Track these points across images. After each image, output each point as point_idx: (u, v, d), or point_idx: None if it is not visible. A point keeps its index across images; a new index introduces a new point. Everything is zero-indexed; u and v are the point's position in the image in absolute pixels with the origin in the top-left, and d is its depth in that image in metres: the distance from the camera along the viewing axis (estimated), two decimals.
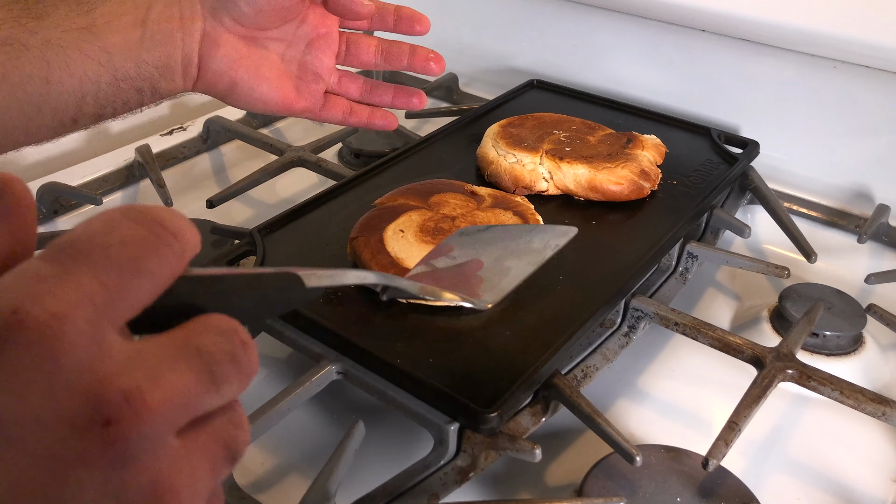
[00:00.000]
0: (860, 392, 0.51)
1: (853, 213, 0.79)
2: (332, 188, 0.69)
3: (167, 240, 0.22)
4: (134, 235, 0.22)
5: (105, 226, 0.22)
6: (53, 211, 0.79)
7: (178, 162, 0.88)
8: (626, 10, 0.90)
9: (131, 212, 0.22)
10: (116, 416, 0.19)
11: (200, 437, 0.22)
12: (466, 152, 0.77)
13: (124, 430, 0.19)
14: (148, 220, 0.22)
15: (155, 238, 0.22)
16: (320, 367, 0.52)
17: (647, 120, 0.83)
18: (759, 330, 0.65)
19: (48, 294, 0.19)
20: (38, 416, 0.19)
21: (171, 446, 0.21)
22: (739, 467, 0.52)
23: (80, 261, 0.20)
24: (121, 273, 0.21)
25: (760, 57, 0.82)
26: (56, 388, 0.19)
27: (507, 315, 0.55)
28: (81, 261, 0.20)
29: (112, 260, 0.21)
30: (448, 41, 1.09)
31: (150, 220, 0.22)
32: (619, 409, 0.59)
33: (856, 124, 0.79)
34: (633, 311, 0.59)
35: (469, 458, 0.48)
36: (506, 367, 0.50)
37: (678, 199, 0.69)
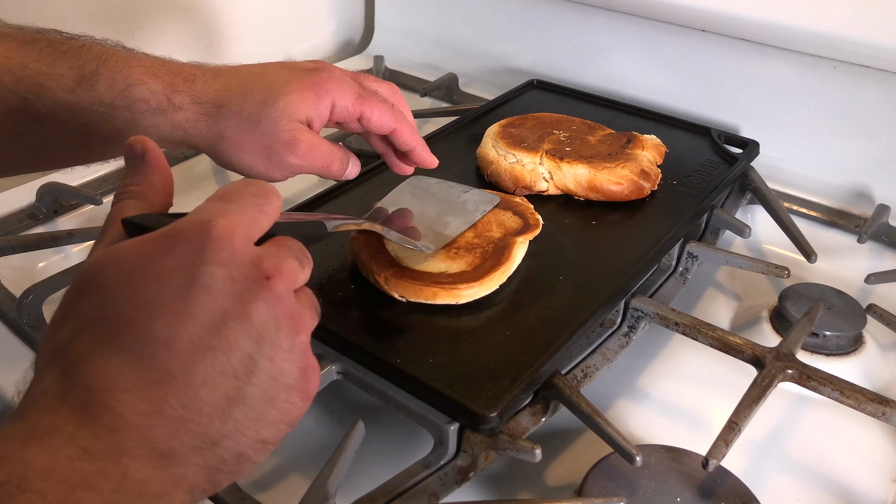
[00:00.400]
0: (860, 392, 0.51)
1: (853, 213, 0.79)
2: (332, 188, 0.69)
3: (272, 197, 0.38)
4: (256, 192, 0.37)
5: (241, 189, 0.37)
6: (53, 211, 0.79)
7: (178, 162, 0.88)
8: (626, 10, 0.90)
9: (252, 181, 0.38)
10: (271, 275, 0.34)
11: (302, 299, 0.37)
12: (466, 152, 0.77)
13: (276, 281, 0.34)
14: (259, 185, 0.38)
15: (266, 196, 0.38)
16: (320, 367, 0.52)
17: (647, 120, 0.83)
18: (759, 330, 0.65)
19: (224, 215, 0.35)
20: (231, 275, 0.33)
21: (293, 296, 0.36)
22: (739, 467, 0.52)
23: (234, 202, 0.36)
24: (255, 211, 0.36)
25: (760, 57, 0.82)
26: (236, 262, 0.33)
27: (507, 315, 0.55)
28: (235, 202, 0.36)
29: (249, 204, 0.36)
30: (448, 41, 1.09)
31: (262, 185, 0.38)
32: (619, 409, 0.59)
33: (856, 124, 0.79)
34: (633, 311, 0.59)
35: (469, 458, 0.48)
36: (506, 367, 0.50)
37: (678, 199, 0.69)
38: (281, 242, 0.37)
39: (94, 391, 0.31)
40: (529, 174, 0.69)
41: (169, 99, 0.53)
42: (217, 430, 0.32)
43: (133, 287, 0.33)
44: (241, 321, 0.33)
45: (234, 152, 0.55)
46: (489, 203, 0.63)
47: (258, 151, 0.55)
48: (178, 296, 0.32)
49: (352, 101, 0.57)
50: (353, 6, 1.20)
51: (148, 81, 0.53)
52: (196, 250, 0.33)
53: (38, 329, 0.63)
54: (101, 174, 0.83)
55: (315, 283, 0.58)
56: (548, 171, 0.69)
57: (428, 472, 0.48)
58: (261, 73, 0.56)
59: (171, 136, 0.54)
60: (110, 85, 0.52)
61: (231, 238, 0.34)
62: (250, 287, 0.34)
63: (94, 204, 0.78)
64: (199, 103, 0.54)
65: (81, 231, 0.73)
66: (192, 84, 0.54)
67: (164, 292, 0.32)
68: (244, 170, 0.56)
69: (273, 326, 0.34)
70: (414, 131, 0.60)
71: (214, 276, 0.33)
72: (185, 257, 0.33)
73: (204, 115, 0.54)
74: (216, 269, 0.33)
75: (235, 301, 0.33)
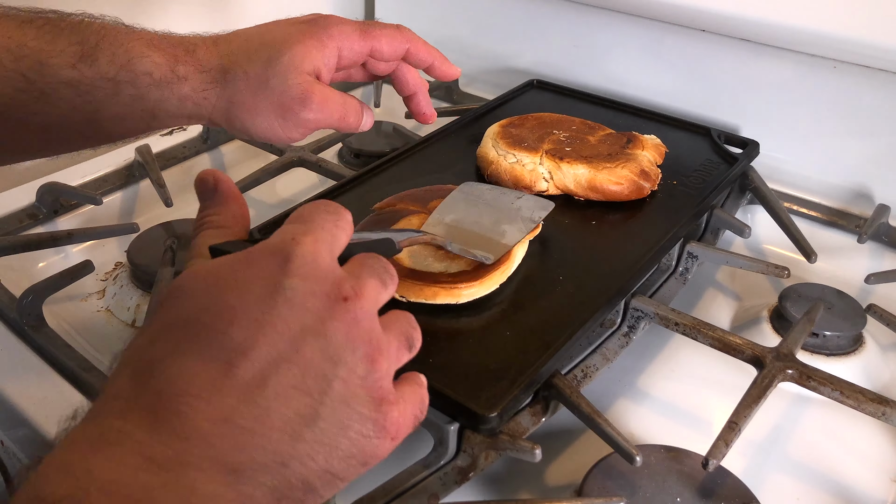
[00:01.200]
0: (860, 392, 0.51)
1: (853, 213, 0.79)
2: (332, 188, 0.69)
3: (344, 213, 0.38)
4: (329, 209, 0.38)
5: (315, 208, 0.38)
6: (53, 211, 0.79)
7: (178, 162, 0.88)
8: (626, 10, 0.90)
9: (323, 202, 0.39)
10: (350, 296, 0.34)
11: (390, 325, 0.37)
12: (466, 152, 0.77)
13: (353, 303, 0.34)
14: (331, 204, 0.39)
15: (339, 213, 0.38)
16: None
17: (647, 120, 0.83)
18: (759, 330, 0.65)
19: (307, 233, 0.35)
20: (312, 290, 0.33)
21: (375, 321, 0.35)
22: (739, 467, 0.52)
23: (312, 222, 0.36)
24: (333, 227, 0.37)
25: (760, 57, 0.82)
26: (318, 278, 0.34)
27: (507, 315, 0.55)
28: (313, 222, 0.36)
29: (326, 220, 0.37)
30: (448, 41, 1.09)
31: (332, 203, 0.39)
32: (619, 409, 0.59)
33: (856, 124, 0.79)
34: (633, 311, 0.59)
35: (469, 458, 0.48)
36: (506, 367, 0.50)
37: (678, 199, 0.69)
38: (363, 262, 0.37)
39: (165, 395, 0.30)
40: (529, 174, 0.69)
41: (172, 70, 0.52)
42: (286, 449, 0.31)
43: (214, 294, 0.33)
44: (318, 338, 0.33)
45: (248, 117, 0.53)
46: (544, 209, 0.61)
47: (272, 112, 0.53)
48: (259, 304, 0.32)
49: (357, 39, 0.55)
50: (353, 6, 1.20)
51: (150, 54, 0.51)
52: (280, 264, 0.34)
53: (38, 329, 0.63)
54: (101, 174, 0.83)
55: None
56: (548, 171, 0.69)
57: (428, 472, 0.48)
58: (260, 33, 0.55)
59: (181, 109, 0.53)
60: (112, 59, 0.50)
61: (316, 254, 0.34)
62: (330, 305, 0.33)
63: (94, 204, 0.78)
64: (203, 71, 0.53)
65: (81, 231, 0.73)
66: (193, 54, 0.53)
67: (244, 298, 0.32)
68: (261, 134, 0.54)
69: (349, 349, 0.33)
70: (428, 46, 0.59)
71: (296, 289, 0.33)
72: (268, 270, 0.33)
73: (211, 84, 0.53)
74: (298, 282, 0.33)
75: (315, 317, 0.33)
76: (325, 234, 0.36)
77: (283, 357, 0.32)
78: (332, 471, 0.33)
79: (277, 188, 0.86)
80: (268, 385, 0.31)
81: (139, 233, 0.73)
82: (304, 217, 0.37)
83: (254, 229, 0.62)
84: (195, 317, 0.32)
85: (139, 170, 0.84)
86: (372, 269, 0.37)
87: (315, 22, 0.55)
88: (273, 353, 0.31)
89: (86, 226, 0.78)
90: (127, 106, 0.51)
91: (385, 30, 0.57)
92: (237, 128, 0.55)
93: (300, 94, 0.52)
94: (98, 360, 0.61)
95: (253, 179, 0.79)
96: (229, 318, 0.32)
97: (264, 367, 0.31)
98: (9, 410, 0.57)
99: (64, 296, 0.67)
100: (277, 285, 0.33)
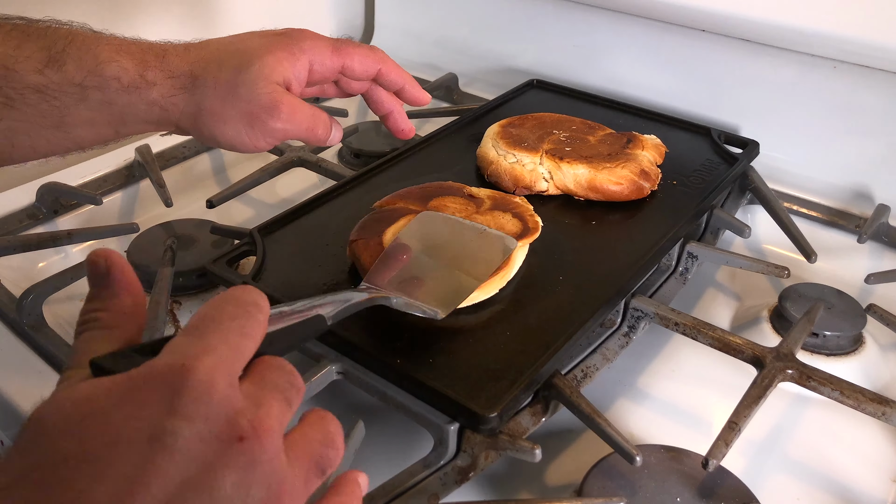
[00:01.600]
0: (860, 392, 0.51)
1: (853, 213, 0.79)
2: (332, 188, 0.69)
3: (253, 311, 0.33)
4: (235, 312, 0.32)
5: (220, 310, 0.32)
6: (53, 211, 0.79)
7: (178, 162, 0.88)
8: (626, 10, 0.90)
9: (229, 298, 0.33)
10: (247, 435, 0.29)
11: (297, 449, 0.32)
12: (466, 152, 0.77)
13: (251, 443, 0.29)
14: (236, 301, 0.32)
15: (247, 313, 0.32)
16: (320, 367, 0.52)
17: (647, 120, 0.83)
18: (759, 330, 0.65)
19: (205, 353, 0.29)
20: (201, 434, 0.28)
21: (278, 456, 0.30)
22: (739, 467, 0.52)
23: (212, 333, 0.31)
24: (238, 337, 0.31)
25: (760, 57, 0.82)
26: (210, 417, 0.28)
27: (507, 315, 0.55)
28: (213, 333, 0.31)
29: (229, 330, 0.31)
30: (448, 41, 1.09)
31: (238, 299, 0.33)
32: (619, 409, 0.59)
33: (856, 124, 0.79)
34: (633, 311, 0.59)
35: (469, 458, 0.48)
36: (506, 367, 0.50)
37: (678, 199, 0.69)
38: (264, 377, 0.32)
39: None
40: (529, 174, 0.69)
41: (141, 75, 0.51)
42: None
43: (79, 438, 0.27)
44: (201, 494, 0.27)
45: (215, 124, 0.53)
46: (504, 252, 0.56)
47: (239, 120, 0.53)
48: (132, 456, 0.27)
49: (328, 54, 0.55)
50: (353, 6, 1.20)
51: (118, 59, 0.51)
52: (166, 400, 0.28)
53: (38, 329, 0.63)
54: (101, 174, 0.83)
55: (315, 285, 0.58)
56: (548, 171, 0.69)
57: (428, 472, 0.48)
58: (233, 42, 0.55)
59: (148, 115, 0.53)
60: (79, 64, 0.50)
61: (212, 385, 0.29)
62: (221, 449, 0.28)
63: (93, 204, 0.78)
64: (172, 77, 0.52)
65: (81, 231, 0.73)
66: (163, 59, 0.52)
67: (115, 448, 0.27)
68: (227, 142, 0.54)
69: (240, 499, 0.28)
70: (400, 68, 0.59)
71: (179, 434, 0.27)
72: (150, 407, 0.28)
73: (180, 89, 0.52)
74: (184, 425, 0.27)
75: (200, 467, 0.27)
76: (225, 351, 0.30)
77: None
78: None
79: (277, 188, 0.86)
80: None
81: (139, 233, 0.73)
82: (203, 327, 0.31)
83: (254, 230, 0.62)
84: (53, 467, 0.27)
85: (139, 170, 0.84)
86: (275, 386, 0.32)
87: (288, 35, 0.55)
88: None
89: (86, 226, 0.78)
90: (95, 111, 0.51)
91: (358, 48, 0.57)
92: (204, 135, 0.54)
93: (269, 102, 0.52)
94: None
95: (253, 179, 0.79)
96: (92, 473, 0.26)
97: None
98: (9, 410, 0.57)
99: (64, 296, 0.67)
100: (158, 430, 0.27)
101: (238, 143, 0.54)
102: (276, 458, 0.30)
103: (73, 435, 0.27)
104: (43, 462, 0.27)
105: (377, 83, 0.60)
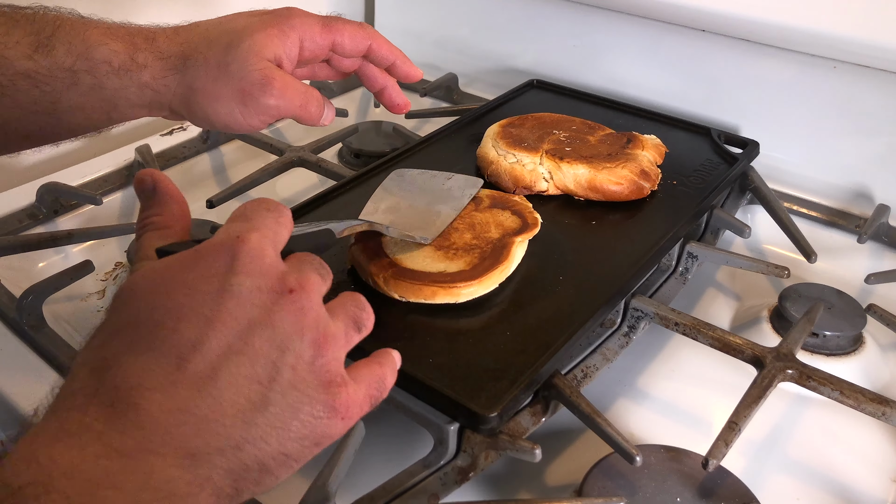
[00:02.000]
0: (860, 392, 0.51)
1: (853, 213, 0.79)
2: (332, 188, 0.69)
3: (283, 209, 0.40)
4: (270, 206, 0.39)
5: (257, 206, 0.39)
6: (53, 211, 0.79)
7: (179, 162, 0.88)
8: (626, 10, 0.90)
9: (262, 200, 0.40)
10: (295, 288, 0.36)
11: (337, 310, 0.39)
12: (466, 152, 0.77)
13: (299, 294, 0.36)
14: (270, 201, 0.40)
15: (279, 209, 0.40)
16: None
17: (647, 120, 0.83)
18: (759, 330, 0.65)
19: (252, 230, 0.37)
20: (258, 285, 0.35)
21: (321, 308, 0.37)
22: (739, 467, 0.52)
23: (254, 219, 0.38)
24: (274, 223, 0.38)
25: (760, 57, 0.82)
26: (264, 274, 0.35)
27: (507, 315, 0.55)
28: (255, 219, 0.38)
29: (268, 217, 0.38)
30: (448, 41, 1.09)
31: (271, 201, 0.40)
32: (619, 409, 0.59)
33: (856, 124, 0.79)
34: (633, 311, 0.59)
35: (469, 458, 0.48)
36: (506, 367, 0.50)
37: (678, 199, 0.69)
38: (302, 259, 0.39)
39: (122, 389, 0.32)
40: (529, 174, 0.69)
41: (132, 58, 0.51)
42: (240, 433, 0.33)
43: (164, 294, 0.34)
44: (266, 329, 0.34)
45: (208, 103, 0.53)
46: (473, 187, 0.65)
47: (232, 98, 0.52)
48: (207, 302, 0.34)
49: (318, 31, 0.55)
50: (353, 6, 1.20)
51: (108, 42, 0.51)
52: (227, 262, 0.35)
53: (39, 329, 0.63)
54: (101, 174, 0.83)
55: None
56: (548, 171, 0.69)
57: (428, 472, 0.48)
58: (222, 22, 0.55)
59: (140, 98, 0.52)
60: (68, 49, 0.50)
61: (261, 251, 0.36)
62: (276, 298, 0.35)
63: (94, 204, 0.78)
64: (163, 59, 0.52)
65: (81, 231, 0.73)
66: (153, 42, 0.52)
67: (193, 297, 0.34)
68: (221, 121, 0.54)
69: (297, 337, 0.35)
70: (390, 44, 0.59)
71: (242, 284, 0.34)
72: (215, 268, 0.35)
73: (170, 70, 0.52)
74: (245, 279, 0.35)
75: (262, 310, 0.35)
76: (268, 231, 0.37)
77: (233, 349, 0.33)
78: (286, 452, 0.35)
79: (277, 188, 0.86)
80: (219, 376, 0.33)
81: None
82: (246, 215, 0.38)
83: None
84: (146, 316, 0.34)
85: (139, 170, 0.84)
86: (311, 264, 0.39)
87: (278, 13, 0.55)
88: (222, 347, 0.33)
89: (86, 226, 0.78)
90: (86, 95, 0.51)
91: (348, 24, 0.57)
92: (198, 115, 0.54)
93: (261, 79, 0.52)
94: None
95: (253, 179, 0.79)
96: (179, 316, 0.33)
97: (214, 359, 0.33)
98: (9, 410, 0.57)
99: (64, 296, 0.67)
100: (225, 283, 0.34)
101: (231, 122, 0.54)
102: (321, 309, 0.37)
103: (159, 292, 0.34)
104: (138, 313, 0.34)
105: (368, 60, 0.60)
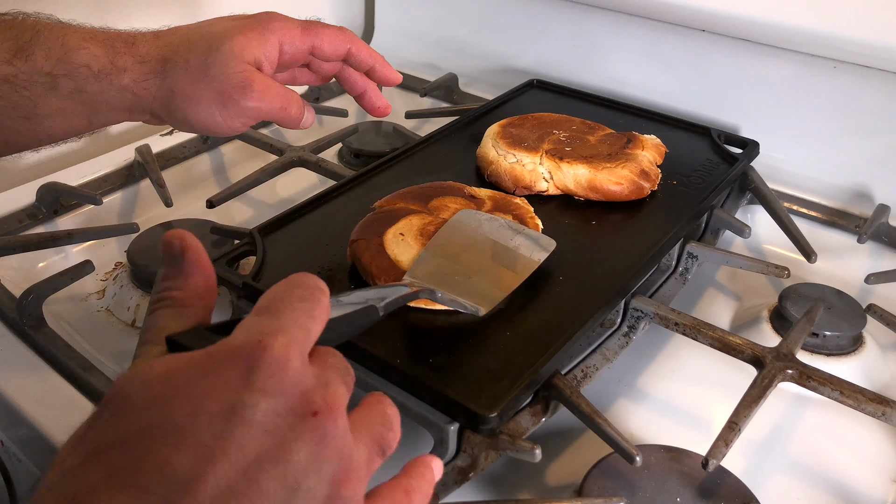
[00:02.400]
0: (860, 392, 0.51)
1: (853, 213, 0.79)
2: (332, 188, 0.69)
3: (319, 296, 0.34)
4: (303, 295, 0.33)
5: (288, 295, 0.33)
6: (53, 211, 0.79)
7: (178, 162, 0.88)
8: (626, 10, 0.90)
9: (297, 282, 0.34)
10: (321, 410, 0.30)
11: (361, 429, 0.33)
12: (466, 152, 0.77)
13: (324, 419, 0.30)
14: (304, 286, 0.33)
15: (314, 297, 0.33)
16: None
17: (647, 120, 0.83)
18: (759, 330, 0.65)
19: (279, 332, 0.30)
20: (276, 408, 0.29)
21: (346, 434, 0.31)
22: (739, 467, 0.52)
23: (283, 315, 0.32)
24: (306, 320, 0.32)
25: (760, 57, 0.82)
26: (286, 392, 0.29)
27: (507, 315, 0.55)
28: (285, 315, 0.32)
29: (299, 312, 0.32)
30: (448, 41, 1.09)
31: (305, 285, 0.34)
32: (619, 409, 0.59)
33: (856, 124, 0.79)
34: (633, 311, 0.59)
35: (469, 459, 0.48)
36: (506, 367, 0.50)
37: (678, 199, 0.69)
38: (326, 362, 0.33)
39: None
40: (529, 174, 0.69)
41: (112, 62, 0.51)
42: None
43: (161, 410, 0.28)
44: (277, 465, 0.28)
45: (188, 106, 0.53)
46: (544, 250, 0.57)
47: (212, 100, 0.53)
48: (212, 426, 0.28)
49: (298, 34, 0.55)
50: (353, 6, 1.20)
51: (87, 46, 0.51)
52: (243, 374, 0.29)
53: (39, 329, 0.63)
54: (101, 174, 0.83)
55: None
56: (548, 171, 0.69)
57: None
58: (202, 26, 0.55)
59: (120, 101, 0.52)
60: (48, 53, 0.50)
61: (286, 362, 0.30)
62: (295, 423, 0.29)
63: (94, 204, 0.78)
64: (143, 62, 0.52)
65: (81, 231, 0.73)
66: (133, 46, 0.52)
67: (195, 420, 0.28)
68: (201, 123, 0.54)
69: (313, 472, 0.29)
70: (370, 48, 0.59)
71: (257, 406, 0.28)
72: (228, 382, 0.29)
73: (151, 74, 0.52)
74: (260, 398, 0.29)
75: (275, 440, 0.28)
76: (297, 332, 0.31)
77: (234, 491, 0.27)
78: None
79: (277, 188, 0.86)
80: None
81: (139, 233, 0.73)
82: (274, 308, 0.32)
83: (254, 230, 0.62)
84: (136, 437, 0.28)
85: (139, 170, 0.84)
86: (337, 370, 0.33)
87: (258, 17, 0.56)
88: (221, 487, 0.27)
89: (86, 226, 0.78)
90: (66, 100, 0.51)
91: (327, 29, 0.57)
92: (178, 118, 0.54)
93: (241, 81, 0.52)
94: (98, 360, 0.61)
95: (253, 179, 0.79)
96: (175, 443, 0.27)
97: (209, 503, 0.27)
98: (9, 410, 0.57)
99: (64, 296, 0.67)
100: (236, 403, 0.28)
101: (212, 125, 0.54)
102: (346, 434, 0.31)
103: (156, 407, 0.28)
104: (129, 431, 0.28)
105: (348, 63, 0.60)
